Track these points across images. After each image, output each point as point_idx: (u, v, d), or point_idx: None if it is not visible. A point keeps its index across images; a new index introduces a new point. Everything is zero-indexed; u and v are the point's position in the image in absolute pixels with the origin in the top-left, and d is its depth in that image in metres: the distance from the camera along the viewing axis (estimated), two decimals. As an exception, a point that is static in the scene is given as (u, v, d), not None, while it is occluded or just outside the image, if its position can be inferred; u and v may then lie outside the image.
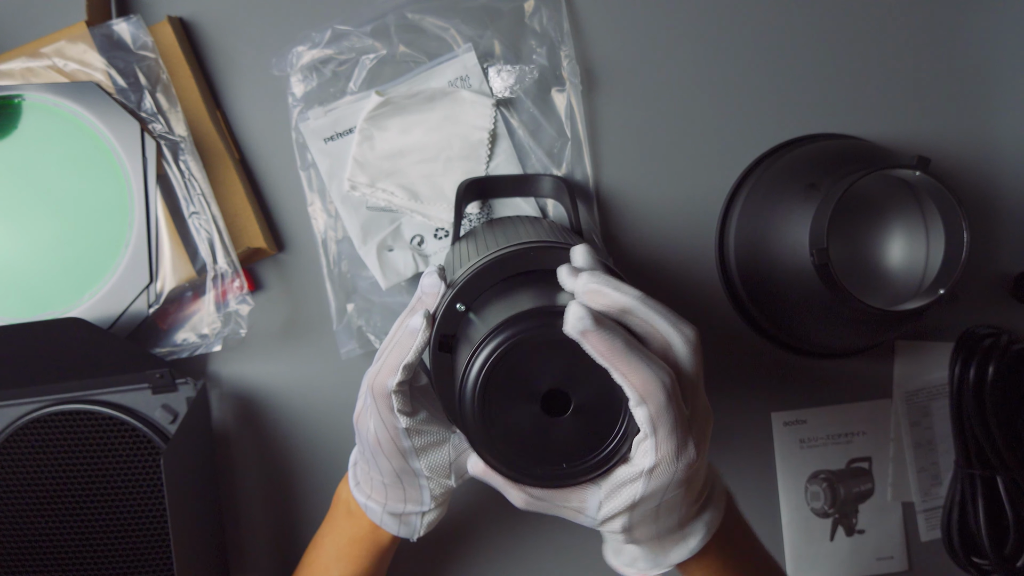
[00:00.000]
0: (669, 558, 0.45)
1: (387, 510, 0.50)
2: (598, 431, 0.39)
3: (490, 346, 0.37)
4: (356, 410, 0.47)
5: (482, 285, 0.42)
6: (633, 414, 0.38)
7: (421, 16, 0.63)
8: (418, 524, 0.50)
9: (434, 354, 0.42)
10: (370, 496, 0.50)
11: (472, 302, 0.41)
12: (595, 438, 0.39)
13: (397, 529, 0.51)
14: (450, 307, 0.41)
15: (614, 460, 0.39)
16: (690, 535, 0.45)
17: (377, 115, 0.63)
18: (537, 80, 0.64)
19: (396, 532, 0.51)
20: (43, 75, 0.61)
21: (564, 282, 0.40)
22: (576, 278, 0.39)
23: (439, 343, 0.42)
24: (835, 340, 0.65)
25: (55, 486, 0.61)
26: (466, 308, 0.41)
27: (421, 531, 0.51)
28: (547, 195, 0.62)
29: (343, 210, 0.64)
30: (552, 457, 0.39)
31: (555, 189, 0.62)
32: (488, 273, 0.42)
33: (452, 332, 0.41)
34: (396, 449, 0.45)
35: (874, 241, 0.62)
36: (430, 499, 0.49)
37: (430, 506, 0.49)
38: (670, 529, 0.44)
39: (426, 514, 0.50)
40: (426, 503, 0.49)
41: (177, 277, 0.60)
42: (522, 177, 0.63)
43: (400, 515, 0.50)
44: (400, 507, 0.49)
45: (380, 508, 0.50)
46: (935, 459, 0.68)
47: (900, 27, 0.67)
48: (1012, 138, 0.67)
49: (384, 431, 0.45)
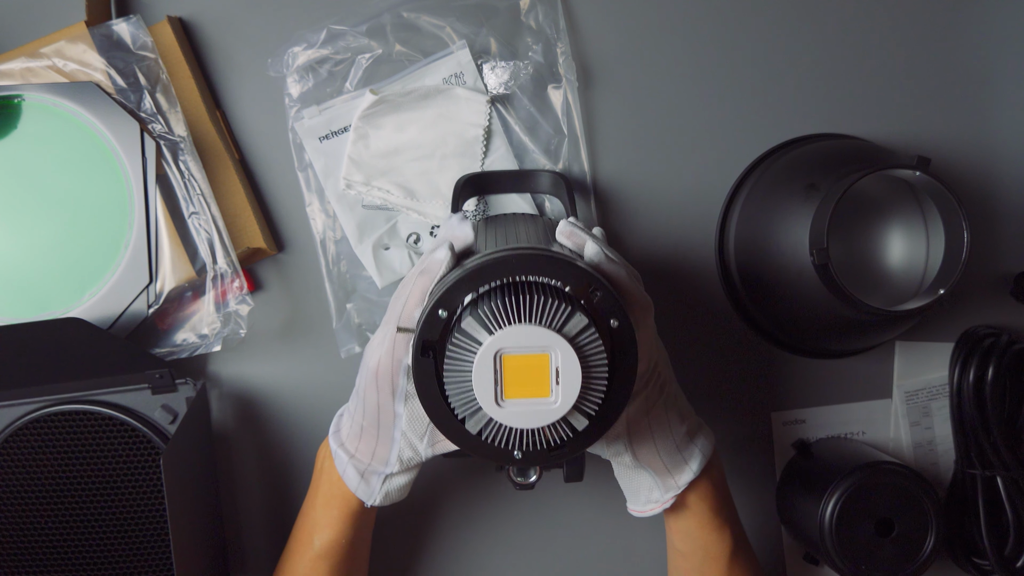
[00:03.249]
0: (677, 481, 0.52)
1: (353, 462, 0.51)
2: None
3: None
4: (371, 341, 0.49)
5: (465, 291, 0.42)
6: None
7: (417, 15, 0.63)
8: (378, 487, 0.51)
9: (416, 359, 0.42)
10: (343, 444, 0.52)
11: (455, 309, 0.42)
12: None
13: (356, 485, 0.51)
14: (432, 313, 0.42)
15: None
16: (690, 458, 0.52)
17: (372, 113, 0.63)
18: (533, 77, 0.64)
19: (355, 488, 0.52)
20: (43, 75, 0.61)
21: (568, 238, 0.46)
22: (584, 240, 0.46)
23: (421, 348, 0.42)
24: (835, 340, 0.65)
25: (55, 486, 0.61)
26: (448, 315, 0.42)
27: (378, 497, 0.52)
28: (545, 191, 0.63)
29: (339, 209, 0.64)
30: None
31: (553, 184, 0.62)
32: (470, 281, 0.42)
33: (434, 338, 0.42)
34: (390, 384, 0.47)
35: (874, 241, 0.62)
36: (396, 460, 0.50)
37: (394, 468, 0.50)
38: (668, 449, 0.51)
39: (388, 478, 0.51)
40: (391, 463, 0.50)
41: (177, 277, 0.60)
42: (520, 172, 0.63)
43: (363, 472, 0.51)
44: (366, 461, 0.51)
45: (347, 457, 0.52)
46: (935, 459, 0.68)
47: (900, 27, 0.67)
48: (1012, 138, 0.67)
49: (388, 362, 0.46)
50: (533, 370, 0.40)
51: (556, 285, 0.42)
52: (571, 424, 0.42)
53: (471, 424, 0.42)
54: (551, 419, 0.41)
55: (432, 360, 0.42)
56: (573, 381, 0.40)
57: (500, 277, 0.42)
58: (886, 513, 0.60)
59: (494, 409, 0.41)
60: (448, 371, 0.41)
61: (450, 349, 0.41)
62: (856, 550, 0.59)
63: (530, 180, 0.62)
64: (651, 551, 0.68)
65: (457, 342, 0.40)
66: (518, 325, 0.40)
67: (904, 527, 0.60)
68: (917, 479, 0.60)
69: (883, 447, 0.68)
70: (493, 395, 0.40)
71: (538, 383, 0.41)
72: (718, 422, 0.67)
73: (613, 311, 0.42)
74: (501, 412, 0.41)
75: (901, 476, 0.60)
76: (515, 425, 0.41)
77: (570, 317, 0.40)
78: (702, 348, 0.67)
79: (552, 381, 0.40)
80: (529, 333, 0.40)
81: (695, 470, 0.52)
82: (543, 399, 0.41)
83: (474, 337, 0.40)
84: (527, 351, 0.40)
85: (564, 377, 0.40)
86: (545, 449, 0.42)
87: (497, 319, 0.40)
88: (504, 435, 0.42)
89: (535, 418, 0.41)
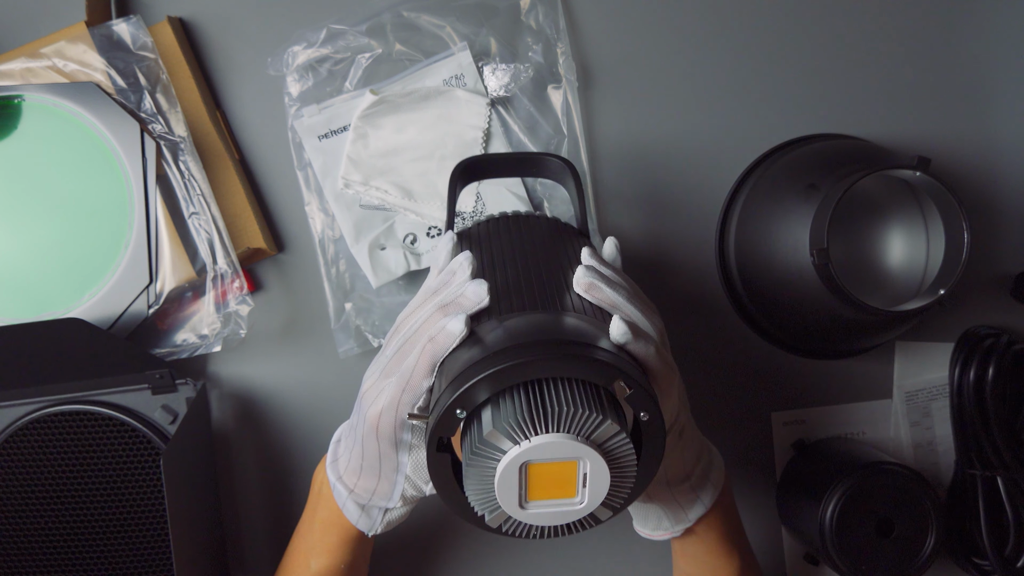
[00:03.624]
0: (688, 516, 0.50)
1: (353, 496, 0.50)
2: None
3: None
4: (367, 385, 0.46)
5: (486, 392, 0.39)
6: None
7: (417, 14, 0.63)
8: (379, 519, 0.50)
9: (431, 455, 0.40)
10: (341, 477, 0.50)
11: (472, 407, 0.39)
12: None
13: (357, 518, 0.50)
14: (449, 412, 0.39)
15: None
16: (702, 493, 0.50)
17: (371, 113, 0.63)
18: (533, 77, 0.64)
19: (355, 521, 0.50)
20: (43, 75, 0.61)
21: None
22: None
23: (437, 445, 0.40)
24: (835, 340, 0.65)
25: (55, 486, 0.61)
26: (467, 415, 0.39)
27: (379, 527, 0.51)
28: (550, 177, 0.58)
29: (336, 208, 0.64)
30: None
31: (559, 171, 0.57)
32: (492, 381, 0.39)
33: (449, 436, 0.40)
34: (392, 438, 0.45)
35: (874, 241, 0.62)
36: (399, 498, 0.48)
37: (396, 504, 0.49)
38: (682, 490, 0.49)
39: (389, 511, 0.50)
40: (394, 500, 0.48)
41: (177, 277, 0.60)
42: (524, 156, 0.58)
43: (364, 506, 0.50)
44: (366, 497, 0.49)
45: (347, 492, 0.50)
46: (935, 459, 0.68)
47: (901, 27, 0.67)
48: (1012, 138, 0.67)
49: (391, 417, 0.44)
50: (560, 477, 0.39)
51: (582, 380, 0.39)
52: (595, 517, 0.41)
53: (491, 520, 0.40)
54: (576, 518, 0.40)
55: (449, 455, 0.40)
56: (601, 485, 0.39)
57: (523, 378, 0.39)
58: (886, 513, 0.60)
59: (516, 511, 0.39)
60: (469, 476, 0.39)
61: (471, 458, 0.38)
62: (856, 550, 0.59)
63: (534, 165, 0.57)
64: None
65: (480, 451, 0.38)
66: (545, 436, 0.37)
67: (904, 527, 0.60)
68: (917, 479, 0.60)
69: (883, 447, 0.68)
70: (516, 500, 0.39)
71: (564, 487, 0.39)
72: (718, 422, 0.67)
73: (644, 404, 0.40)
74: (523, 514, 0.39)
75: (901, 476, 0.60)
76: (538, 524, 0.40)
77: (600, 424, 0.38)
78: (702, 348, 0.67)
79: (579, 484, 0.39)
80: (557, 443, 0.37)
81: (707, 504, 0.50)
82: (568, 500, 0.39)
83: (498, 447, 0.38)
84: (554, 460, 0.38)
85: (592, 481, 0.39)
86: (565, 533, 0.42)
87: (523, 429, 0.37)
88: (524, 531, 0.41)
89: (559, 517, 0.40)
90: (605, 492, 0.39)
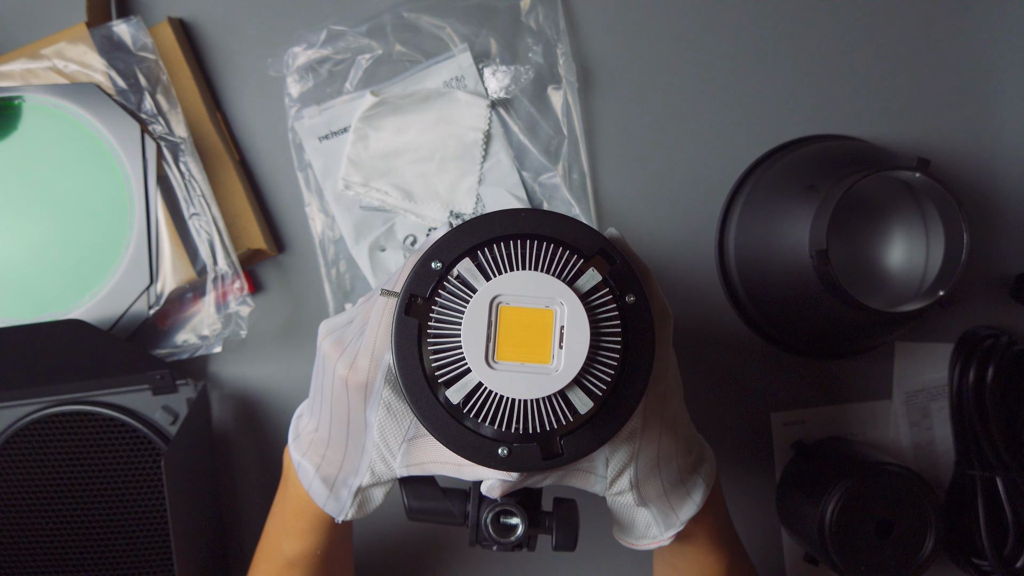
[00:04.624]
0: (680, 516, 0.47)
1: (319, 473, 0.46)
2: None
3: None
4: (331, 341, 0.42)
5: (465, 243, 0.36)
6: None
7: (417, 15, 0.63)
8: (348, 501, 0.45)
9: (399, 318, 0.36)
10: (306, 453, 0.46)
11: (451, 261, 0.36)
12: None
13: (324, 500, 0.46)
14: (424, 264, 0.36)
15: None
16: (693, 490, 0.47)
17: (372, 115, 0.63)
18: (533, 78, 0.64)
19: (323, 504, 0.46)
20: (43, 76, 0.61)
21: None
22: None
23: (406, 305, 0.36)
24: (835, 341, 0.65)
25: (56, 487, 0.61)
26: (442, 266, 0.36)
27: (350, 512, 0.46)
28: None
29: (337, 209, 0.64)
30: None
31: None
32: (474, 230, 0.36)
33: (424, 293, 0.36)
34: (364, 388, 0.41)
35: (874, 242, 0.62)
36: (367, 470, 0.44)
37: (366, 479, 0.44)
38: (673, 484, 0.46)
39: (360, 489, 0.45)
40: (362, 473, 0.44)
41: (177, 278, 0.60)
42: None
43: (332, 483, 0.45)
44: (334, 470, 0.45)
45: (312, 469, 0.46)
46: (935, 460, 0.68)
47: (900, 28, 0.67)
48: (1012, 139, 0.67)
49: (366, 360, 0.40)
50: (534, 327, 0.35)
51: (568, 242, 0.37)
52: (572, 405, 0.35)
53: (454, 391, 0.35)
54: (550, 389, 0.34)
55: (417, 321, 0.36)
56: (579, 345, 0.34)
57: (506, 231, 0.36)
58: (886, 514, 0.60)
59: (484, 370, 0.34)
60: (435, 325, 0.35)
61: (440, 295, 0.35)
62: (856, 551, 0.59)
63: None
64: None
65: (449, 287, 0.35)
66: (523, 271, 0.34)
67: (904, 528, 0.60)
68: (917, 480, 0.60)
69: (883, 448, 0.68)
70: (484, 352, 0.34)
71: (538, 344, 0.35)
72: (718, 422, 0.67)
73: (629, 285, 0.37)
74: (492, 375, 0.34)
75: (901, 477, 0.60)
76: (506, 393, 0.34)
77: (583, 271, 0.35)
78: (702, 348, 0.67)
79: (555, 343, 0.35)
80: (535, 281, 0.34)
81: (698, 503, 0.47)
82: (542, 365, 0.35)
83: (469, 283, 0.35)
84: (530, 303, 0.35)
85: (569, 339, 0.34)
86: (537, 444, 0.36)
87: (499, 266, 0.35)
88: (491, 410, 0.35)
89: (531, 387, 0.34)
90: (583, 358, 0.34)
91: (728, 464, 0.67)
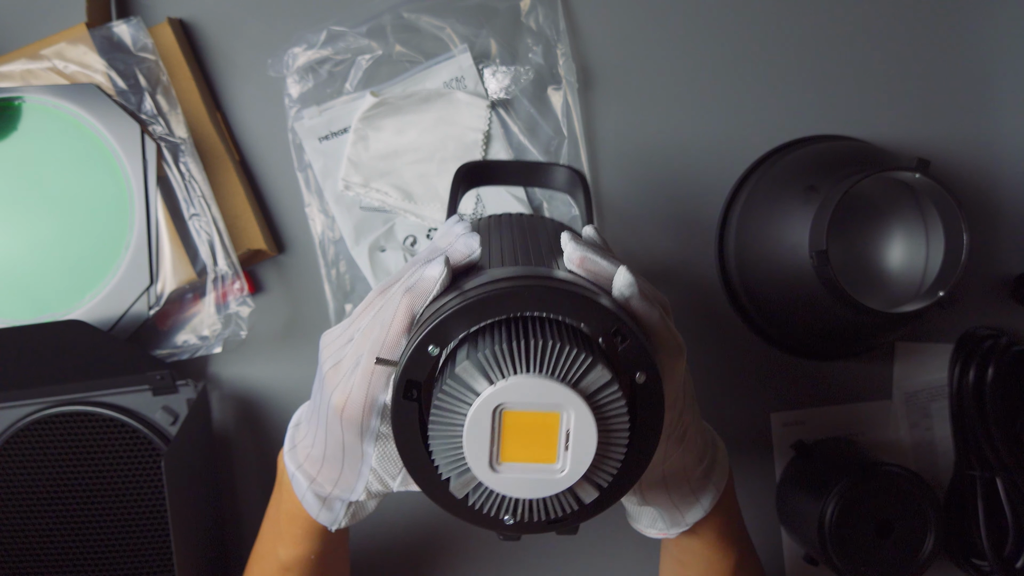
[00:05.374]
0: (686, 519, 0.47)
1: (312, 487, 0.45)
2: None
3: None
4: (330, 364, 0.40)
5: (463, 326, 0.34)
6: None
7: (417, 16, 0.63)
8: (341, 512, 0.45)
9: (396, 402, 0.35)
10: (301, 465, 0.45)
11: (447, 346, 0.35)
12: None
13: (318, 511, 0.45)
14: (420, 349, 0.34)
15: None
16: (702, 497, 0.47)
17: (372, 115, 0.63)
18: (533, 79, 0.64)
19: (316, 515, 0.46)
20: (43, 77, 0.61)
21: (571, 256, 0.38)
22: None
23: (404, 390, 0.35)
24: (835, 341, 0.65)
25: (56, 487, 0.61)
26: (439, 351, 0.34)
27: (343, 521, 0.46)
28: (558, 187, 0.54)
29: (337, 210, 0.64)
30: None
31: (568, 182, 0.53)
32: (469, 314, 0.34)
33: (421, 378, 0.35)
34: (359, 426, 0.40)
35: (874, 243, 0.62)
36: (363, 490, 0.43)
37: (360, 496, 0.44)
38: (682, 494, 0.46)
39: (353, 504, 0.45)
40: (357, 492, 0.44)
41: (177, 279, 0.60)
42: (532, 165, 0.54)
43: (325, 498, 0.45)
44: (327, 488, 0.44)
45: (307, 482, 0.45)
46: (935, 460, 0.68)
47: (900, 29, 0.67)
48: (1012, 140, 0.67)
49: (360, 400, 0.39)
50: (539, 430, 0.33)
51: (572, 324, 0.35)
52: (577, 496, 0.35)
53: (456, 487, 0.35)
54: (555, 490, 0.34)
55: (417, 404, 0.35)
56: (586, 448, 0.33)
57: (506, 312, 0.34)
58: (885, 514, 0.60)
59: (487, 474, 0.34)
60: (435, 422, 0.34)
61: (439, 398, 0.33)
62: (855, 551, 0.60)
63: (542, 174, 0.53)
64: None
65: (449, 390, 0.33)
66: (525, 375, 0.32)
67: (903, 528, 0.60)
68: (916, 480, 0.60)
69: (883, 448, 0.68)
70: (487, 457, 0.33)
71: (543, 446, 0.34)
72: (718, 422, 0.67)
73: (641, 363, 0.35)
74: (495, 478, 0.34)
75: (900, 478, 0.60)
76: (510, 494, 0.34)
77: (590, 369, 0.33)
78: (702, 349, 0.67)
79: (560, 446, 0.34)
80: (538, 386, 0.32)
81: (706, 508, 0.47)
82: (547, 465, 0.34)
83: (470, 386, 0.33)
84: (533, 408, 0.33)
85: (576, 442, 0.33)
86: (543, 520, 0.36)
87: (500, 366, 0.33)
88: (495, 502, 0.35)
89: (536, 488, 0.34)
90: (590, 459, 0.33)
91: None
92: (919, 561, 0.60)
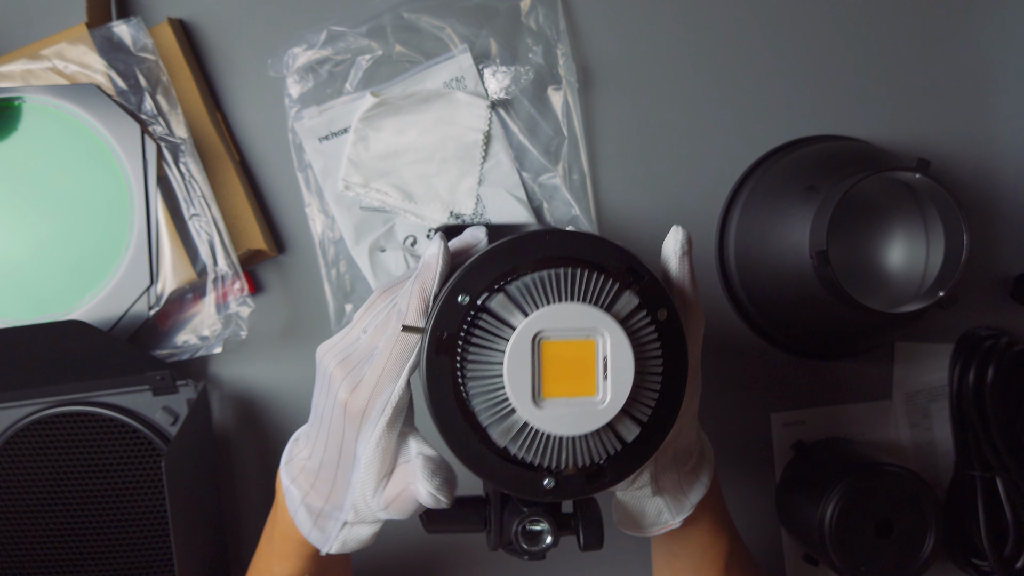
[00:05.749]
0: (690, 499, 0.48)
1: (305, 501, 0.45)
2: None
3: None
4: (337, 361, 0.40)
5: (490, 274, 0.35)
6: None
7: (417, 16, 0.63)
8: (334, 534, 0.45)
9: (430, 359, 0.35)
10: (296, 479, 0.46)
11: (479, 294, 0.35)
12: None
13: (309, 530, 0.45)
14: (449, 300, 0.35)
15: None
16: (700, 474, 0.48)
17: (372, 115, 0.63)
18: (533, 79, 0.64)
19: (307, 533, 0.45)
20: (43, 77, 0.61)
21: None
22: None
23: (436, 345, 0.35)
24: (835, 341, 0.65)
25: (56, 487, 0.61)
26: (470, 299, 0.35)
27: (335, 545, 0.45)
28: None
29: (337, 210, 0.64)
30: None
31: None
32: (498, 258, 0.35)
33: (453, 330, 0.35)
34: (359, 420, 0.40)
35: (874, 243, 0.62)
36: (351, 508, 0.43)
37: (350, 516, 0.44)
38: (688, 472, 0.47)
39: (347, 525, 0.44)
40: (346, 509, 0.43)
41: (178, 279, 0.60)
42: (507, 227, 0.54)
43: (318, 514, 0.45)
44: (320, 502, 0.44)
45: (300, 496, 0.45)
46: (935, 461, 0.68)
47: (900, 29, 0.67)
48: (1012, 140, 0.67)
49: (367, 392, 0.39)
50: (578, 361, 0.34)
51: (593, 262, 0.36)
52: (619, 434, 0.35)
53: (499, 432, 0.34)
54: (598, 423, 0.34)
55: (448, 360, 0.35)
56: (625, 375, 0.34)
57: (530, 256, 0.35)
58: (886, 514, 0.60)
59: (531, 410, 0.33)
60: (472, 367, 0.34)
61: (476, 336, 0.33)
62: (855, 551, 0.60)
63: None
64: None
65: (486, 326, 0.33)
66: (560, 303, 0.33)
67: (904, 528, 0.60)
68: (917, 480, 0.60)
69: (883, 448, 0.68)
70: (530, 392, 0.33)
71: (583, 377, 0.34)
72: (718, 422, 0.67)
73: (661, 300, 0.36)
74: (539, 414, 0.33)
75: (901, 478, 0.60)
76: (556, 432, 0.34)
77: (619, 294, 0.34)
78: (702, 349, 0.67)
79: (599, 375, 0.34)
80: (574, 312, 0.33)
81: (706, 484, 0.48)
82: (588, 398, 0.34)
83: (506, 320, 0.33)
84: (570, 336, 0.33)
85: (614, 369, 0.34)
86: (583, 474, 0.36)
87: (535, 297, 0.33)
88: (538, 449, 0.34)
89: (579, 422, 0.34)
90: (629, 386, 0.34)
91: (728, 464, 0.67)
92: (919, 561, 0.60)
